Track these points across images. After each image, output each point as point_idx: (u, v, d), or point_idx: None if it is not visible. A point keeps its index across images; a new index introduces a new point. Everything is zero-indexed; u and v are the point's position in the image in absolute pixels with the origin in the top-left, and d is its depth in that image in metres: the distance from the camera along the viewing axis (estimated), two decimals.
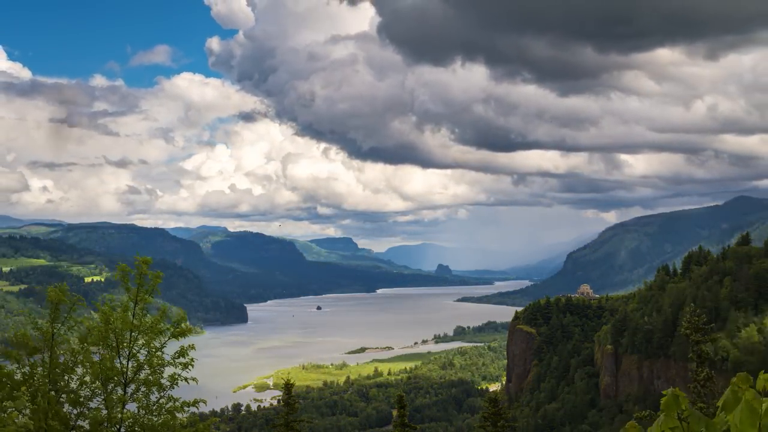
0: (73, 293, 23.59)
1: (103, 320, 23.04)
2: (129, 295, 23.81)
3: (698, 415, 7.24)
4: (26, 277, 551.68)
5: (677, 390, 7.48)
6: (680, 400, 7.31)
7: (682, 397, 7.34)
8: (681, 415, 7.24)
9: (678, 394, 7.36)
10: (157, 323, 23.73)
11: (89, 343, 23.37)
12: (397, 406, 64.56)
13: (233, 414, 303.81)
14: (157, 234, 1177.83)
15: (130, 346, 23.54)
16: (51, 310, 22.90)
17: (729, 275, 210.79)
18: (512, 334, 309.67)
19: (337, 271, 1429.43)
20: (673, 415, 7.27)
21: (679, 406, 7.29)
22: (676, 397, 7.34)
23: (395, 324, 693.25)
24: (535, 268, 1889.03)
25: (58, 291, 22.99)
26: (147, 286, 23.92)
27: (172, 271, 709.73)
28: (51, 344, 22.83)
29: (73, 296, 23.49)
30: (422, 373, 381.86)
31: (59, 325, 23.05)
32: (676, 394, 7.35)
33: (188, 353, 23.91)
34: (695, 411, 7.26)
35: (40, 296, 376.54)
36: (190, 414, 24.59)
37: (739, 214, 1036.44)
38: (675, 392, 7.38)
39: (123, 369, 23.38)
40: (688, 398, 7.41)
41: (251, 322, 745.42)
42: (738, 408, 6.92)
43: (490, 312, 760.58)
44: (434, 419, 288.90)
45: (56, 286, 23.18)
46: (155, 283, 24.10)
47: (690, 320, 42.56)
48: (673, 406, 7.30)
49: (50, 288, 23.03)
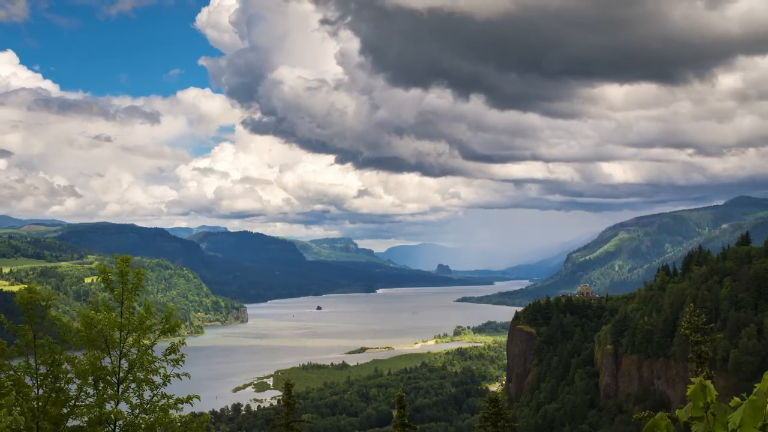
0: (45, 289, 23.31)
1: (84, 324, 22.81)
2: (114, 294, 23.61)
3: (726, 408, 7.26)
4: (26, 277, 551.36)
5: (707, 382, 7.48)
6: (709, 391, 7.34)
7: (711, 389, 7.36)
8: (708, 408, 7.25)
9: (707, 386, 7.38)
10: (143, 321, 23.53)
11: (74, 344, 23.15)
12: (397, 406, 64.44)
13: (233, 414, 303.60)
14: (157, 234, 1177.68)
15: (120, 345, 23.38)
16: (25, 312, 22.61)
17: (729, 275, 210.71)
18: (512, 334, 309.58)
19: (337, 271, 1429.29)
20: (699, 404, 7.29)
21: (707, 397, 7.31)
22: (703, 387, 7.36)
23: (395, 324, 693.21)
24: (535, 268, 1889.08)
25: (26, 292, 22.63)
26: (130, 284, 23.71)
27: (172, 271, 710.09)
28: (33, 346, 22.62)
29: (44, 293, 23.14)
30: (422, 373, 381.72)
31: (38, 326, 22.78)
32: (704, 385, 7.38)
33: (179, 349, 23.71)
34: (724, 404, 7.27)
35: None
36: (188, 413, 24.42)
37: (739, 214, 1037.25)
38: (703, 383, 7.40)
39: (114, 368, 23.22)
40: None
41: (251, 322, 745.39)
42: (741, 407, 6.95)
43: (490, 312, 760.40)
44: (434, 419, 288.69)
45: (27, 287, 22.87)
46: (139, 280, 23.87)
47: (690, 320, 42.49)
48: (700, 396, 7.33)
49: (19, 290, 22.75)
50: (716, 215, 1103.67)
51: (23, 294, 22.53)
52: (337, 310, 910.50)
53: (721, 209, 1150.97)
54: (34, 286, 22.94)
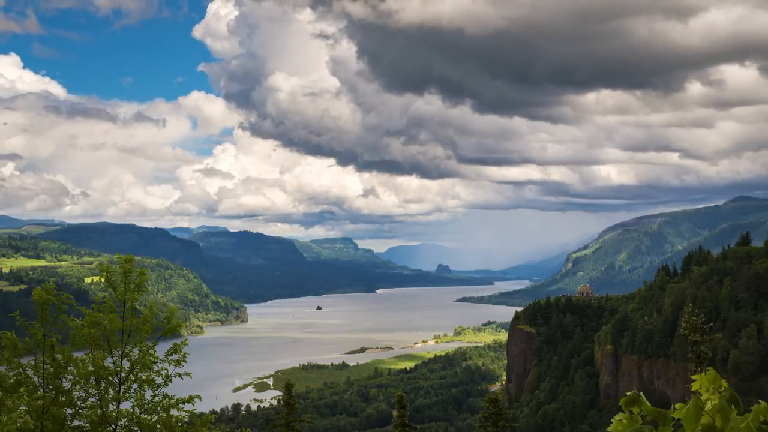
0: (60, 292, 23.24)
1: (89, 324, 22.77)
2: (116, 295, 23.54)
3: (663, 413, 7.36)
4: (26, 277, 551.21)
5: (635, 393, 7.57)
6: (640, 399, 7.40)
7: (642, 398, 7.43)
8: (643, 415, 7.32)
9: (637, 396, 7.46)
10: (145, 321, 23.48)
11: (77, 344, 23.11)
12: (397, 406, 64.53)
13: (233, 414, 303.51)
14: (157, 234, 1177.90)
15: (122, 346, 23.36)
16: (39, 311, 22.59)
17: (729, 275, 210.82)
18: (512, 334, 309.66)
19: (337, 271, 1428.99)
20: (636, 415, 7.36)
21: (639, 405, 7.37)
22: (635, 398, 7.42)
23: (395, 324, 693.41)
24: (535, 268, 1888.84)
25: (43, 291, 22.50)
26: (133, 284, 23.63)
27: (172, 271, 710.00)
28: (42, 345, 22.62)
29: (60, 295, 23.11)
30: (422, 373, 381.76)
31: (49, 326, 22.75)
32: (635, 395, 7.45)
33: (181, 350, 23.68)
34: (660, 409, 7.34)
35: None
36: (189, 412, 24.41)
37: (739, 214, 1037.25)
38: (633, 394, 7.48)
39: (116, 368, 23.20)
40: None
41: (251, 322, 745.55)
42: (687, 405, 7.13)
43: (490, 312, 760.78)
44: (434, 419, 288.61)
45: (42, 286, 22.64)
46: (141, 280, 23.77)
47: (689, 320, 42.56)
48: (635, 405, 7.39)
49: (36, 289, 22.62)
50: (716, 215, 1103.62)
51: (39, 293, 22.49)
52: (337, 310, 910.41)
53: (721, 209, 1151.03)
54: (50, 285, 22.91)
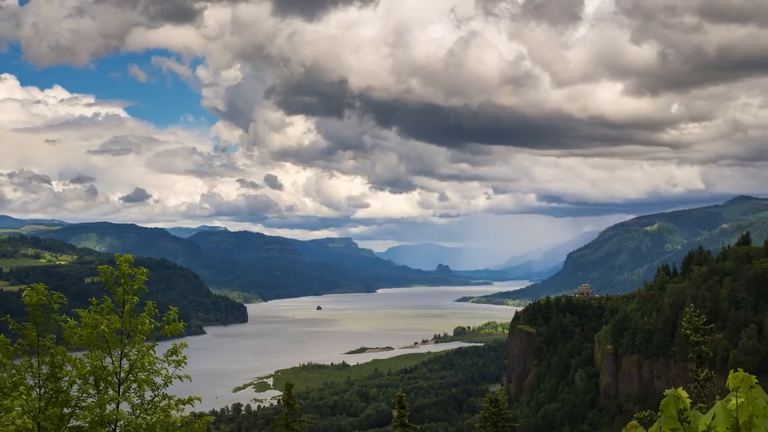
0: (52, 292, 23.03)
1: (87, 324, 22.64)
2: (115, 295, 23.40)
3: (699, 416, 7.22)
4: (26, 277, 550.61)
5: (679, 390, 7.46)
6: (681, 400, 7.29)
7: (683, 397, 7.32)
8: (681, 416, 7.20)
9: (679, 395, 7.34)
10: (144, 322, 23.36)
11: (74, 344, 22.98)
12: (397, 406, 64.47)
13: (233, 414, 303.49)
14: (157, 234, 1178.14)
15: (121, 346, 23.24)
16: (30, 313, 22.42)
17: (729, 275, 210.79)
18: (512, 334, 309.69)
19: (337, 271, 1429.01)
20: (673, 415, 7.25)
21: (678, 406, 7.26)
22: (676, 398, 7.32)
23: (395, 324, 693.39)
24: (535, 268, 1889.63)
25: (34, 292, 22.31)
26: (132, 285, 23.47)
27: (172, 271, 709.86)
28: (37, 346, 22.48)
29: (52, 295, 22.91)
30: (422, 373, 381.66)
31: (42, 327, 22.59)
32: (676, 395, 7.34)
33: (181, 351, 23.57)
34: (696, 411, 7.23)
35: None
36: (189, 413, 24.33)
37: (739, 214, 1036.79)
38: (676, 393, 7.36)
39: (115, 369, 23.09)
40: (690, 398, 7.32)
41: (251, 322, 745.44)
42: (713, 408, 7.00)
43: (490, 312, 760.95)
44: (434, 419, 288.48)
45: (33, 286, 22.45)
46: (140, 281, 23.62)
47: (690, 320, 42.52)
48: (673, 406, 7.27)
49: (26, 290, 22.45)
50: (716, 215, 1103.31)
51: (30, 294, 22.33)
52: (337, 310, 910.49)
53: (721, 209, 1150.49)
54: (40, 287, 22.68)
